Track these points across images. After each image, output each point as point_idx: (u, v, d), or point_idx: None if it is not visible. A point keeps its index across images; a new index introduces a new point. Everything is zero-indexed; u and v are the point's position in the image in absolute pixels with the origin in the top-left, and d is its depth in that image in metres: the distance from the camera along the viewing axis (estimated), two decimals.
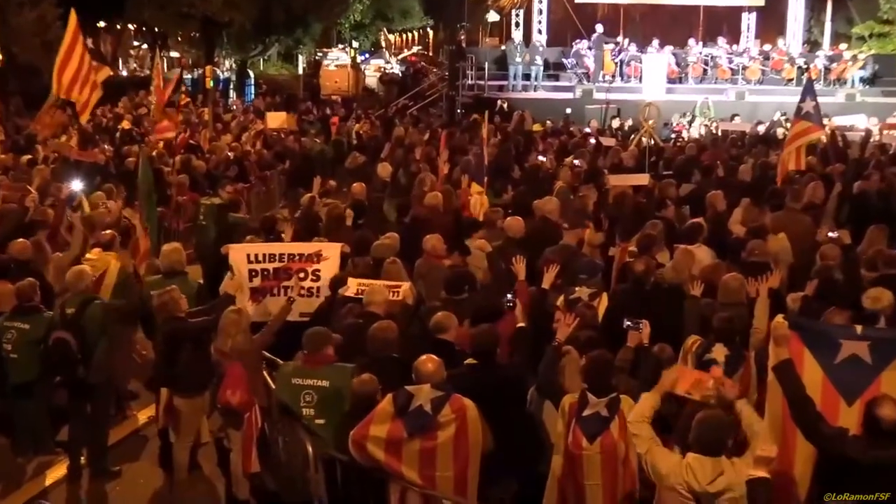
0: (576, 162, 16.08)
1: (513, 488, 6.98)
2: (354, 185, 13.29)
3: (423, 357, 6.42)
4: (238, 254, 9.30)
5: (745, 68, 29.23)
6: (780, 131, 21.96)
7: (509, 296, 7.68)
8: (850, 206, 11.91)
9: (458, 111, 27.82)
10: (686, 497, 5.30)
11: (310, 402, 7.05)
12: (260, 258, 9.25)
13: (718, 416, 5.49)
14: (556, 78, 30.37)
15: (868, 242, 9.90)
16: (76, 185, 12.61)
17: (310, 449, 6.84)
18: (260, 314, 8.67)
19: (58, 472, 8.51)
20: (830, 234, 9.47)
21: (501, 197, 13.26)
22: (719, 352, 7.11)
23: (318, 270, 9.21)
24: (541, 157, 16.78)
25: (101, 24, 43.09)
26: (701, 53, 29.45)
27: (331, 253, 9.34)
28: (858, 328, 6.04)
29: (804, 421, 5.66)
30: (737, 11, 33.39)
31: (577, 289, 8.50)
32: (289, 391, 7.12)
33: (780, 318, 6.12)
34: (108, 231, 10.09)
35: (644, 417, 5.78)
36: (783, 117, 23.70)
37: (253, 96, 37.22)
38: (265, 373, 7.86)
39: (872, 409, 5.33)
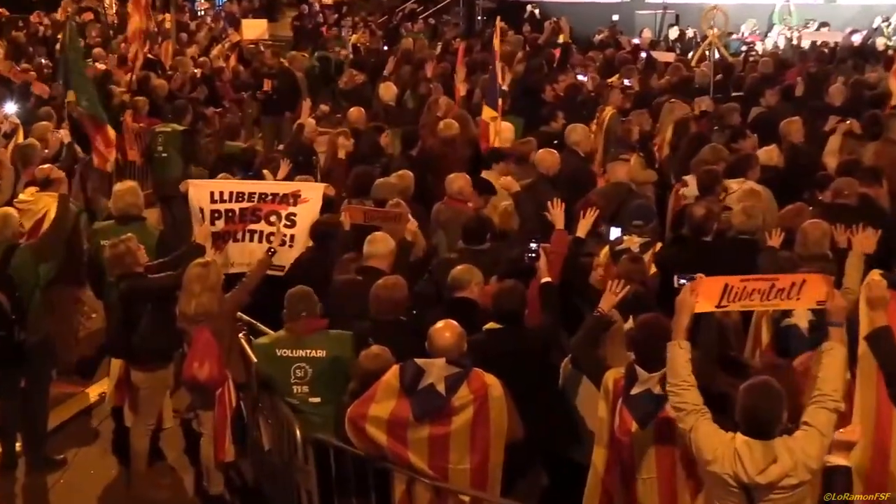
0: (625, 82, 15.92)
1: (542, 482, 7.04)
2: (351, 110, 13.26)
3: (441, 323, 6.40)
4: (200, 191, 9.31)
5: None
6: (880, 42, 21.67)
7: (534, 245, 7.64)
8: None
9: (479, 18, 27.56)
10: (732, 488, 5.20)
11: (302, 377, 7.09)
12: (225, 197, 9.28)
13: (767, 385, 5.26)
14: None
15: None
16: (8, 108, 12.58)
17: (298, 433, 6.87)
18: (223, 264, 8.68)
19: None
20: None
21: (537, 126, 13.17)
22: (801, 317, 7.06)
23: (294, 215, 9.23)
24: (581, 76, 16.62)
25: None
26: None
27: (311, 194, 9.34)
28: None
29: None
30: None
31: (625, 238, 8.47)
32: (275, 366, 7.15)
33: (875, 274, 6.03)
34: (45, 166, 10.04)
35: (685, 379, 5.48)
36: (885, 24, 23.36)
37: None
38: (242, 340, 7.88)
39: None
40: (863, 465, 5.73)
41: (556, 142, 11.64)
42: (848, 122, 11.69)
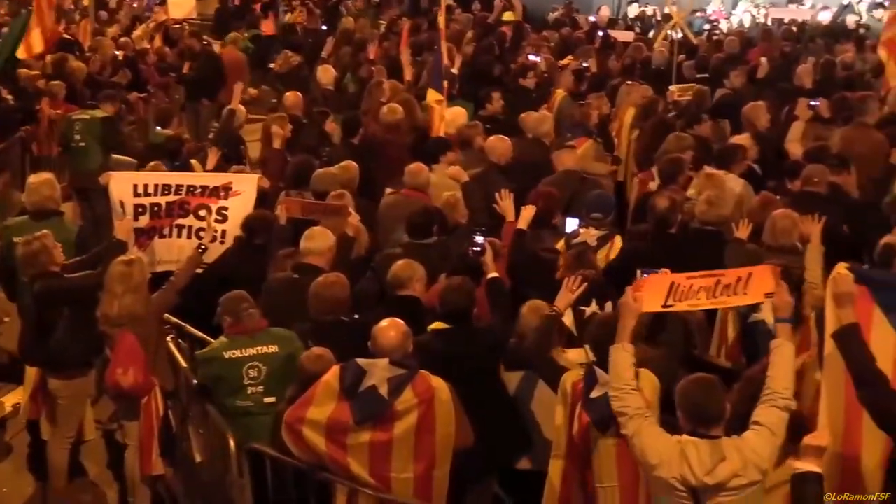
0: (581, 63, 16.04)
1: (492, 492, 7.07)
2: (287, 94, 13.19)
3: (386, 322, 6.41)
4: (121, 184, 9.25)
5: None
6: (851, 19, 21.92)
7: (479, 238, 7.64)
8: None
9: None
10: (680, 492, 5.27)
11: (256, 377, 7.10)
12: (150, 190, 9.22)
13: (708, 381, 5.41)
14: None
15: None
16: None
17: (232, 444, 6.84)
18: (148, 263, 8.62)
19: None
20: None
21: (485, 108, 13.21)
22: (768, 313, 7.03)
23: (225, 208, 9.20)
24: (532, 56, 16.67)
25: None
26: None
27: (244, 186, 9.32)
28: None
29: (875, 402, 5.68)
30: None
31: (581, 230, 8.54)
32: (226, 369, 7.13)
33: (841, 267, 6.11)
34: None
35: (627, 383, 5.59)
36: (858, 2, 23.61)
37: None
38: (169, 344, 7.84)
39: None
40: (831, 469, 5.80)
41: (488, 126, 11.67)
42: (813, 104, 11.81)
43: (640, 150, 11.68)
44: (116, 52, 17.54)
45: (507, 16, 21.78)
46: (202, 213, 9.11)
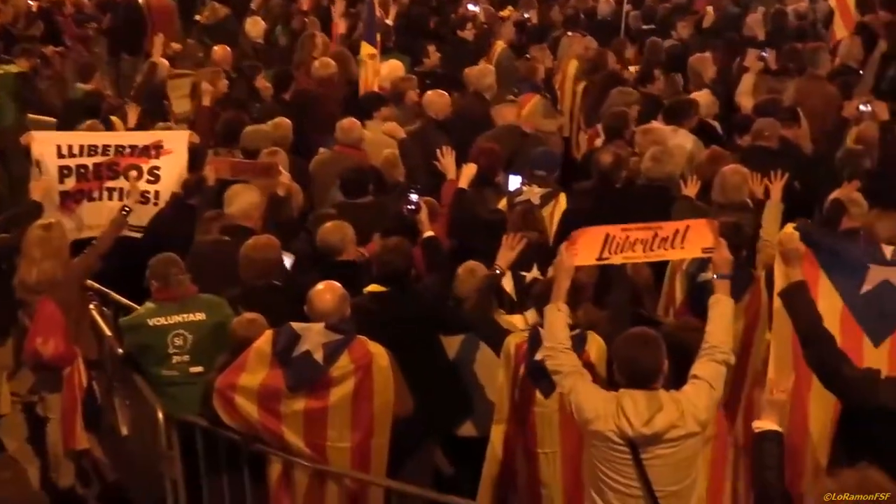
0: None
1: (431, 460, 7.12)
2: (215, 48, 13.05)
3: (322, 285, 6.40)
4: (44, 145, 9.13)
5: None
6: None
7: (413, 197, 7.64)
8: None
9: None
10: (618, 444, 5.34)
11: (182, 346, 7.06)
12: (75, 151, 9.11)
13: (645, 335, 5.47)
14: None
15: None
16: None
17: (160, 415, 6.82)
18: (76, 228, 8.54)
19: None
20: (862, 108, 9.61)
21: (421, 62, 13.16)
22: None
23: (157, 168, 9.13)
24: (471, 6, 16.63)
25: None
26: None
27: (175, 144, 9.26)
28: (889, 250, 6.11)
29: (822, 362, 5.75)
30: None
31: (525, 188, 8.56)
32: (150, 337, 7.09)
33: (789, 228, 6.19)
34: None
35: (562, 342, 5.67)
36: None
37: None
38: (92, 311, 7.77)
39: None
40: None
41: (428, 81, 11.64)
42: (763, 55, 11.90)
43: (588, 106, 11.70)
44: (30, 2, 17.25)
45: None
46: (133, 174, 9.01)
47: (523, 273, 7.38)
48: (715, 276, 5.87)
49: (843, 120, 9.87)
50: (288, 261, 7.56)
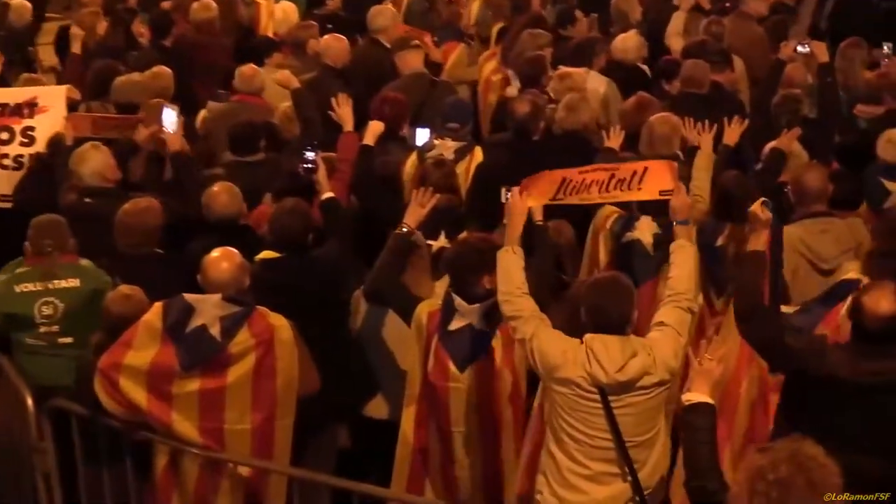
0: None
1: (335, 444, 7.12)
2: None
3: (218, 252, 6.34)
4: None
5: None
6: None
7: (310, 154, 7.51)
8: (837, 8, 12.21)
9: None
10: (587, 392, 5.44)
11: (51, 315, 6.99)
12: None
13: (614, 281, 5.65)
14: None
15: (845, 59, 10.26)
16: None
17: (29, 403, 6.68)
18: None
19: None
20: (800, 49, 9.69)
21: (321, 5, 13.03)
22: (646, 228, 7.35)
23: (32, 129, 8.92)
24: None
25: None
26: None
27: (51, 101, 9.04)
28: None
29: (762, 336, 5.85)
30: None
31: (437, 142, 8.56)
32: (16, 305, 7.02)
33: (758, 204, 6.27)
34: None
35: (519, 286, 5.78)
36: None
37: None
38: None
39: (859, 301, 5.51)
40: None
41: (329, 26, 11.60)
42: None
43: (505, 50, 11.64)
44: None
45: None
46: (4, 136, 8.83)
47: (430, 242, 7.31)
48: (675, 223, 6.01)
49: (779, 63, 9.93)
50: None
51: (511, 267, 5.82)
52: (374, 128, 8.23)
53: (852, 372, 5.31)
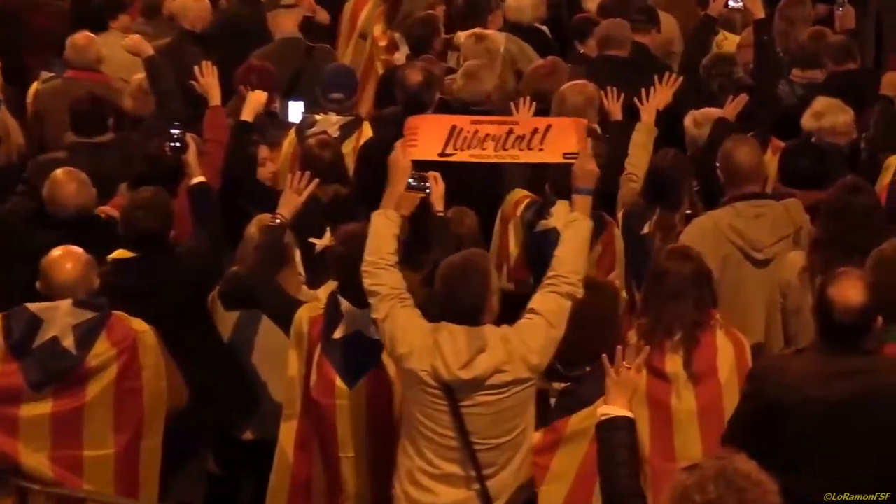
0: None
1: (204, 470, 7.13)
2: None
3: (59, 252, 6.30)
4: None
5: None
6: None
7: (176, 131, 7.47)
8: None
9: None
10: (431, 388, 5.52)
11: None
12: None
13: (467, 265, 5.66)
14: None
15: (783, 20, 10.34)
16: None
17: None
18: None
19: None
20: (732, 3, 9.77)
21: None
22: (563, 215, 7.14)
23: None
24: None
25: None
26: None
27: None
28: None
29: None
30: None
31: (318, 117, 8.59)
32: None
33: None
34: None
35: (384, 257, 5.78)
36: None
37: None
38: None
39: (825, 295, 5.54)
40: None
41: None
42: None
43: (391, 10, 11.59)
44: None
45: None
46: None
47: (313, 240, 7.32)
48: (574, 191, 5.98)
49: (709, 19, 9.99)
50: None
51: (381, 233, 5.85)
52: (255, 100, 8.21)
53: (823, 383, 5.28)
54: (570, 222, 5.86)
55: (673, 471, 5.42)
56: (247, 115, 8.17)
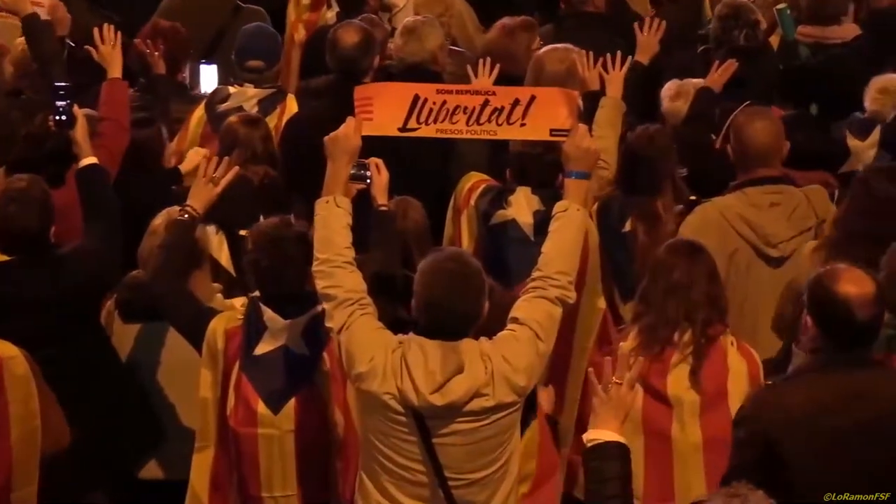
0: None
1: None
2: None
3: None
4: None
5: None
6: None
7: (63, 102, 7.26)
8: None
9: None
10: (396, 415, 5.45)
11: None
12: None
13: (455, 267, 5.54)
14: None
15: None
16: None
17: None
18: None
19: None
20: None
21: None
22: (523, 209, 7.37)
23: None
24: None
25: None
26: None
27: None
28: None
29: None
30: None
31: (232, 89, 8.58)
32: None
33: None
34: None
35: (341, 253, 5.74)
36: None
37: None
38: None
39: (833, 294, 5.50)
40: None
41: None
42: None
43: None
44: None
45: None
46: None
47: (243, 232, 7.19)
48: (566, 174, 5.94)
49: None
50: None
51: (332, 225, 5.77)
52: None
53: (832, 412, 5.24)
54: (562, 214, 5.77)
55: None
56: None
